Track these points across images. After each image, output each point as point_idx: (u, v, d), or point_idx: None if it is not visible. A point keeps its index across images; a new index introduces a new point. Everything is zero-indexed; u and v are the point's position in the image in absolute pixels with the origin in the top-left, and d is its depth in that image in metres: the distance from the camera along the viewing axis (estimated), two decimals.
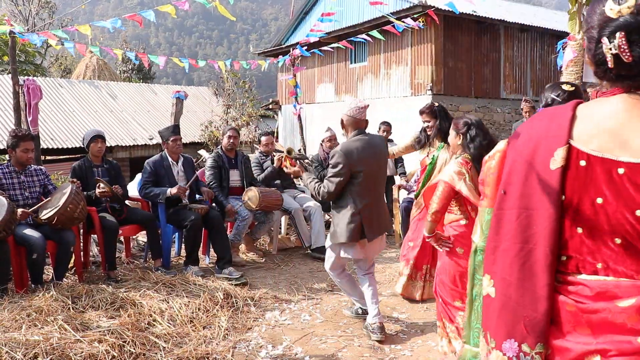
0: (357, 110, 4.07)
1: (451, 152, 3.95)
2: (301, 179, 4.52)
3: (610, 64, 1.41)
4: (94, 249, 6.13)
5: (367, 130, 4.17)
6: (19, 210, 4.71)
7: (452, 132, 3.86)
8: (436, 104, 5.10)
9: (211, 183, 6.28)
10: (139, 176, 6.81)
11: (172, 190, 5.70)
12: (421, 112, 5.14)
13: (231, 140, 6.52)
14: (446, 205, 3.68)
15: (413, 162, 7.13)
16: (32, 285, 4.78)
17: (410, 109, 12.73)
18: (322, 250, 6.52)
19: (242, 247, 6.69)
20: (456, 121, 3.87)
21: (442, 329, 3.83)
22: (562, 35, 10.38)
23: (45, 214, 4.83)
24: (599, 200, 1.41)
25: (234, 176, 6.50)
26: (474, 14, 12.75)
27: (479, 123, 3.79)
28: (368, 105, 4.19)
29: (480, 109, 13.58)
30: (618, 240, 1.42)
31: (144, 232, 5.92)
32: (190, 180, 5.99)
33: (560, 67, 5.90)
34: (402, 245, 5.31)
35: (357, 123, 4.09)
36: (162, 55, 7.14)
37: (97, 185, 5.40)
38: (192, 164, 6.26)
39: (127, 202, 5.98)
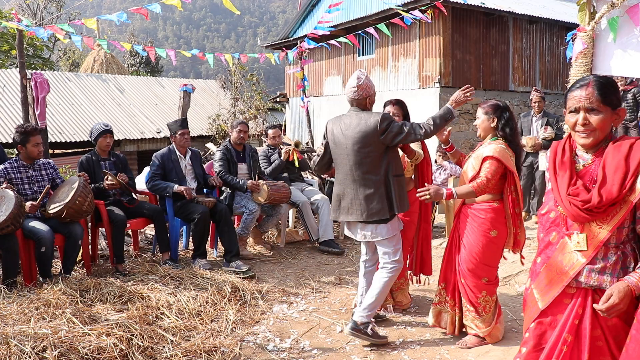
0: (347, 89, 3.96)
1: (482, 135, 3.89)
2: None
3: None
4: (102, 242, 6.16)
5: (361, 109, 3.95)
6: (28, 204, 4.74)
7: (482, 115, 3.86)
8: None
9: (221, 172, 6.26)
10: (147, 169, 6.82)
11: (180, 188, 5.70)
12: (390, 103, 4.52)
13: (241, 135, 6.49)
14: (496, 181, 3.72)
15: None
16: (41, 279, 4.80)
17: (418, 102, 12.68)
18: (329, 243, 6.53)
19: (250, 240, 6.69)
20: (486, 105, 3.87)
21: (453, 307, 4.01)
22: (572, 26, 10.29)
23: (53, 208, 4.85)
24: None
25: (242, 170, 6.49)
26: (483, 5, 12.64)
27: (508, 107, 3.85)
28: (357, 84, 3.88)
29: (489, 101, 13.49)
30: None
31: (152, 225, 5.93)
32: (203, 185, 6.00)
33: (570, 59, 5.84)
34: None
35: (350, 101, 3.99)
36: (170, 49, 7.12)
37: (105, 177, 5.42)
38: (200, 158, 6.25)
39: (135, 195, 6.00)
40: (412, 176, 4.55)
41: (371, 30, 8.30)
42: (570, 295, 2.29)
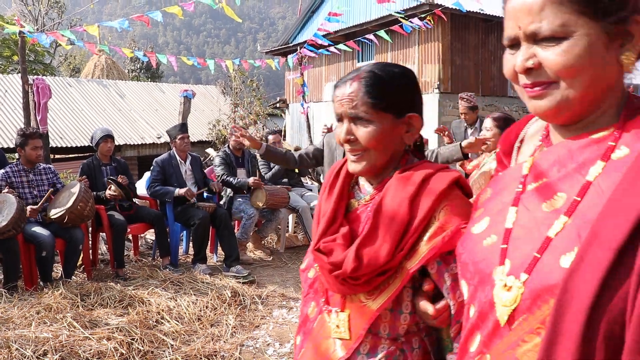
0: None
1: (491, 148, 3.74)
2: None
3: None
4: (103, 247, 6.18)
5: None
6: (28, 208, 4.76)
7: (495, 129, 3.84)
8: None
9: (223, 175, 6.28)
10: (147, 174, 6.84)
11: (181, 191, 5.73)
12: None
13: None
14: None
15: None
16: (42, 283, 4.82)
17: None
18: None
19: (250, 245, 6.71)
20: (498, 118, 3.86)
21: None
22: None
23: (55, 213, 4.87)
24: None
25: (241, 175, 6.52)
26: (481, 12, 12.71)
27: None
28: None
29: (488, 107, 13.54)
30: None
31: (152, 230, 5.95)
32: (202, 190, 6.03)
33: None
34: None
35: None
36: (171, 55, 7.17)
37: (109, 187, 5.43)
38: (200, 163, 6.28)
39: (135, 200, 6.02)
40: None
41: (370, 36, 8.35)
42: None
